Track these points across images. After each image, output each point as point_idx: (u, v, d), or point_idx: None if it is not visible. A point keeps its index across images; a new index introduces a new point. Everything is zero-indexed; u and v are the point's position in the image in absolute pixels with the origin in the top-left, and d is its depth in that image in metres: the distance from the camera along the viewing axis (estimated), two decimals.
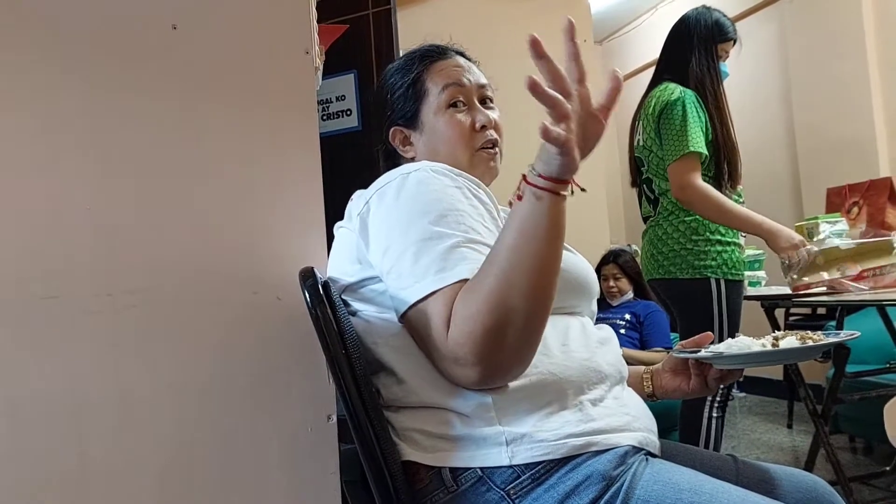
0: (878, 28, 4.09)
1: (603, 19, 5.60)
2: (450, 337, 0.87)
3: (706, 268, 2.26)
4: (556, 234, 0.85)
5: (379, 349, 1.01)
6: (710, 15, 2.36)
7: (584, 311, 1.14)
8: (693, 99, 2.27)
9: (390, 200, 1.01)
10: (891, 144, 4.06)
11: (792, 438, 3.89)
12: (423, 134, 1.19)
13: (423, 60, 1.22)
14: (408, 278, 0.93)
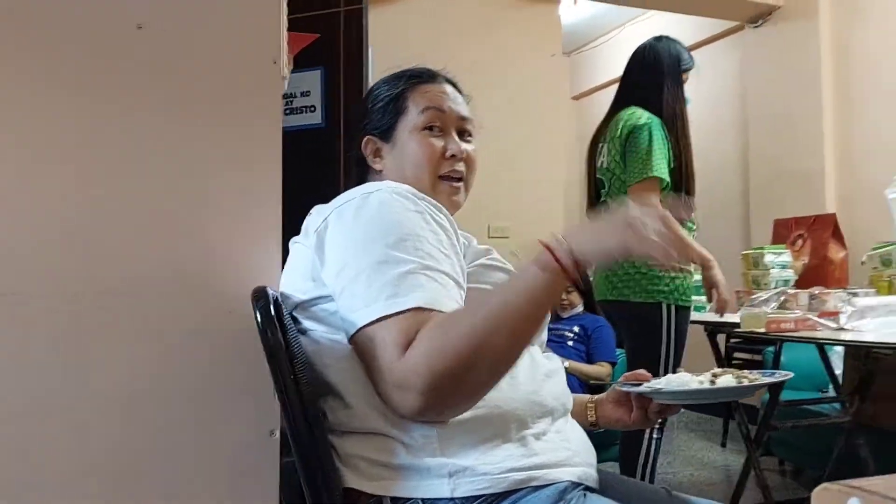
0: (834, 67, 4.22)
1: (573, 32, 5.65)
2: (407, 362, 0.86)
3: (659, 292, 2.32)
4: (548, 306, 0.91)
5: (328, 371, 1.00)
6: (674, 45, 2.45)
7: (533, 340, 1.15)
8: (659, 125, 2.34)
9: (349, 220, 1.00)
10: (838, 180, 4.20)
11: (725, 457, 3.99)
12: (395, 149, 1.19)
13: (411, 79, 1.22)
14: (359, 300, 0.92)
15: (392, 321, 0.89)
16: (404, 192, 1.03)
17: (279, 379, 0.89)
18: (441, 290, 0.93)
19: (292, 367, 0.90)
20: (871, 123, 4.01)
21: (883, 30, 3.94)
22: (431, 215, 1.02)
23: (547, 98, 4.67)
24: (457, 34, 4.39)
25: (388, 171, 1.19)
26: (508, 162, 4.38)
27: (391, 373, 0.88)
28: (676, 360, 2.34)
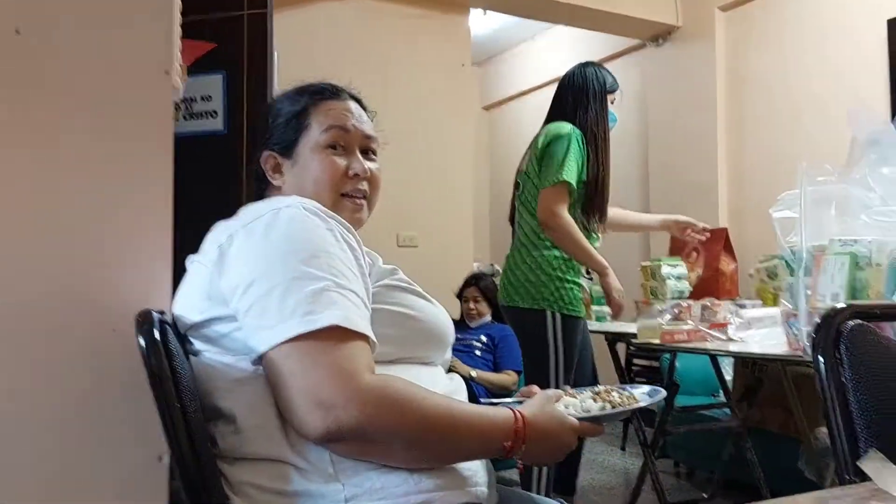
0: (728, 87, 4.44)
1: (483, 43, 5.72)
2: (357, 386, 0.86)
3: (543, 300, 2.44)
4: (482, 455, 0.99)
5: (219, 395, 0.97)
6: (601, 72, 2.67)
7: (436, 360, 1.15)
8: (580, 138, 2.50)
9: (259, 236, 0.97)
10: (730, 194, 4.42)
11: (624, 461, 4.12)
12: (295, 166, 1.16)
13: (314, 95, 1.19)
14: (272, 318, 0.90)
15: (310, 338, 0.88)
16: (314, 209, 1.01)
17: (163, 406, 0.86)
18: (354, 310, 0.93)
19: (178, 393, 0.87)
20: (760, 143, 4.25)
21: (772, 55, 4.18)
22: (341, 234, 1.01)
23: (456, 107, 4.70)
24: (365, 42, 4.37)
25: (287, 188, 1.17)
26: (417, 171, 4.38)
27: (320, 390, 0.86)
28: (567, 368, 2.43)
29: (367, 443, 0.88)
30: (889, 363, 0.76)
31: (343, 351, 0.89)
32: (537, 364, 2.47)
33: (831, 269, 1.73)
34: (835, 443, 0.71)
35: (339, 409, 0.85)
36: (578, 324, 2.51)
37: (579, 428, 1.01)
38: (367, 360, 0.91)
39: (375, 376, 0.90)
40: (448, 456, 0.93)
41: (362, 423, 0.86)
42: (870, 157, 1.66)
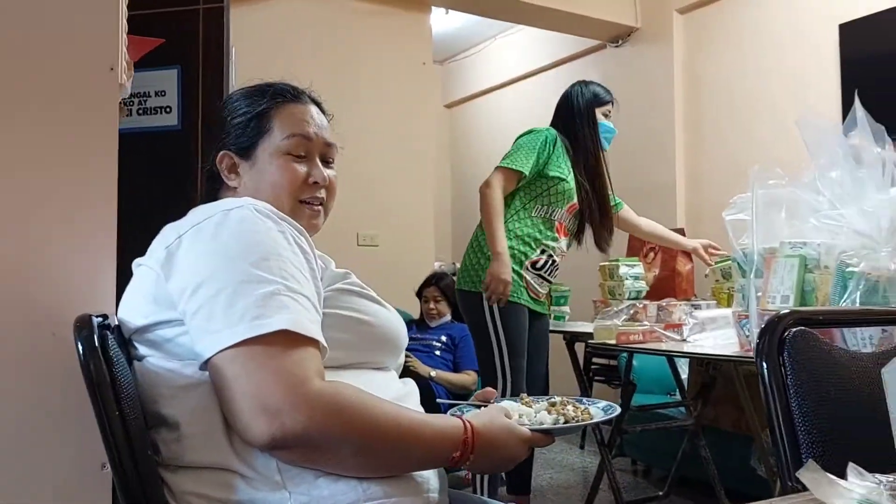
0: (685, 89, 4.50)
1: (444, 41, 5.71)
2: (305, 391, 0.84)
3: (481, 282, 2.49)
4: (430, 465, 0.96)
5: (163, 402, 0.95)
6: (588, 89, 2.75)
7: (390, 365, 1.14)
8: (552, 136, 2.59)
9: (207, 237, 0.95)
10: (688, 195, 4.48)
11: (583, 459, 4.16)
12: (254, 169, 1.14)
13: (275, 97, 1.16)
14: (219, 322, 0.88)
15: (258, 343, 0.86)
16: (266, 211, 0.99)
17: (102, 414, 0.83)
18: (305, 314, 0.91)
19: (118, 401, 0.84)
20: (716, 144, 4.31)
21: (728, 57, 4.25)
22: (293, 237, 0.99)
23: (418, 106, 4.69)
24: (324, 38, 4.33)
25: (243, 189, 1.14)
26: (378, 169, 4.36)
27: (266, 395, 0.84)
28: (512, 353, 2.48)
29: (313, 450, 0.86)
30: (830, 369, 0.77)
31: (292, 356, 0.87)
32: (482, 348, 2.55)
33: (781, 271, 1.76)
34: (777, 449, 0.72)
35: (285, 415, 0.84)
36: (518, 310, 2.56)
37: (529, 438, 1.01)
38: (317, 365, 0.90)
39: (325, 382, 0.88)
40: (396, 465, 0.92)
41: (309, 430, 0.84)
42: (819, 162, 1.69)
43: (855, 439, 0.73)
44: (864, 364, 0.81)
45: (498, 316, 2.49)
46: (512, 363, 2.47)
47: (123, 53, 1.16)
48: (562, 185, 2.61)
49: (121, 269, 1.12)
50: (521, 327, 2.55)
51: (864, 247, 1.59)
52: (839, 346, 1.28)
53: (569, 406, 1.08)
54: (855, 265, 1.58)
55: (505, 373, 2.47)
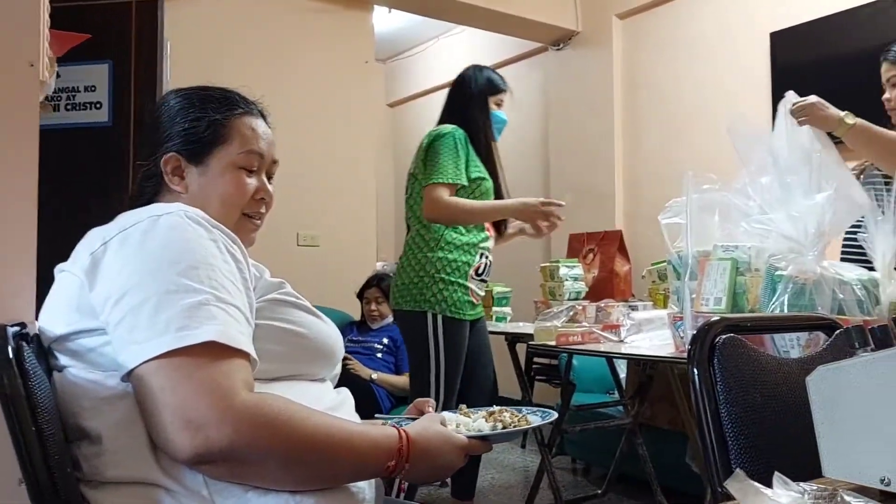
0: (624, 93, 4.58)
1: (387, 40, 5.68)
2: (230, 404, 0.82)
3: (425, 302, 2.43)
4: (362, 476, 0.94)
5: (85, 414, 0.90)
6: (482, 74, 2.66)
7: (325, 376, 1.12)
8: (462, 137, 2.50)
9: (134, 244, 0.92)
10: (625, 198, 4.56)
11: (524, 458, 4.19)
12: (204, 176, 1.11)
13: (232, 107, 1.14)
14: (143, 332, 0.85)
15: (183, 354, 0.83)
16: (197, 218, 0.96)
17: (16, 430, 0.79)
18: (235, 325, 0.88)
19: (34, 416, 0.80)
20: (653, 149, 4.40)
21: (664, 63, 4.34)
22: (225, 245, 0.96)
23: (360, 104, 4.65)
24: (264, 35, 4.25)
25: (188, 196, 1.10)
26: (319, 168, 4.31)
27: (190, 408, 0.81)
28: (449, 373, 2.42)
29: (240, 465, 0.83)
30: (757, 376, 0.78)
31: (219, 368, 0.84)
32: (418, 367, 2.46)
33: (714, 273, 1.80)
34: (707, 454, 0.73)
35: (210, 428, 0.81)
36: (463, 326, 2.49)
37: (466, 445, 1.00)
38: (245, 376, 0.87)
39: (252, 394, 0.86)
40: (328, 477, 0.90)
41: (234, 444, 0.81)
42: (749, 168, 1.73)
43: (782, 445, 0.75)
44: (790, 370, 0.83)
45: (442, 335, 2.42)
46: (447, 382, 2.41)
47: (45, 49, 1.11)
48: (484, 185, 2.55)
49: (42, 275, 1.07)
50: (462, 345, 2.49)
51: (792, 251, 1.64)
52: (768, 348, 1.32)
53: (506, 413, 1.08)
54: (783, 268, 1.63)
55: (438, 392, 2.39)
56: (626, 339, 2.30)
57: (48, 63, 1.12)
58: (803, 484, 0.54)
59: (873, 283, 1.61)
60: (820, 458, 0.60)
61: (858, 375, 0.57)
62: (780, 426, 0.76)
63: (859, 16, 3.36)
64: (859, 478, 0.56)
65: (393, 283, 2.59)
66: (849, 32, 3.38)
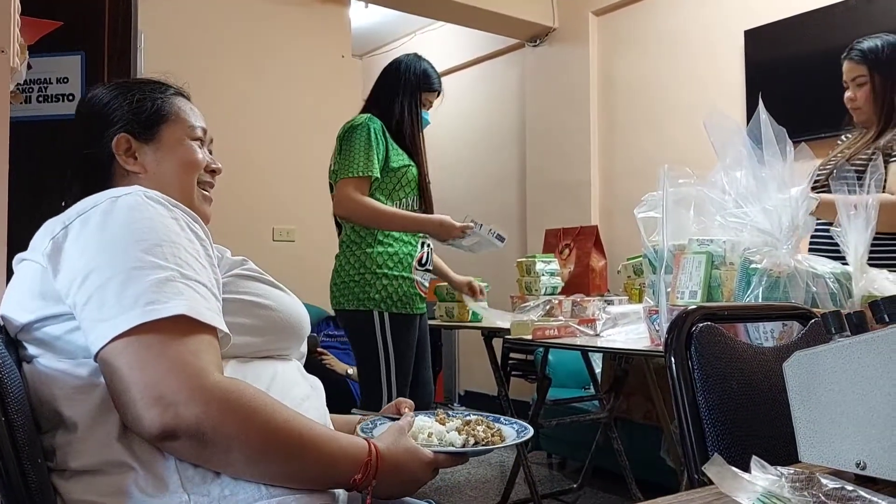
0: (600, 90, 4.60)
1: (364, 35, 5.66)
2: (201, 382, 0.81)
3: (370, 300, 2.34)
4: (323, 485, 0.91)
5: (58, 403, 0.89)
6: (420, 64, 2.52)
7: (293, 353, 1.11)
8: (378, 127, 2.39)
9: (95, 226, 0.91)
10: (601, 193, 4.59)
11: (500, 454, 4.19)
12: (159, 151, 1.12)
13: (165, 89, 1.18)
14: (111, 309, 0.84)
15: (152, 330, 0.82)
16: (157, 197, 0.96)
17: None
18: (202, 301, 0.88)
19: (3, 406, 0.78)
20: (628, 144, 4.43)
21: (640, 60, 4.37)
22: (187, 223, 0.96)
23: (336, 99, 4.62)
24: (239, 27, 4.21)
25: (148, 175, 1.10)
26: (294, 163, 4.28)
27: (161, 385, 0.81)
28: (399, 370, 2.34)
29: (203, 446, 0.82)
30: (734, 364, 0.79)
31: (189, 344, 0.84)
32: (368, 367, 2.36)
33: (689, 267, 1.82)
34: (684, 441, 0.74)
35: (181, 405, 0.81)
36: (411, 321, 2.42)
37: (433, 461, 0.99)
38: (216, 357, 0.87)
39: (226, 378, 0.85)
40: (291, 477, 0.88)
41: (202, 424, 0.81)
42: (724, 162, 1.75)
43: (758, 432, 0.75)
44: (765, 358, 0.83)
45: (389, 332, 2.34)
46: (398, 380, 2.33)
47: (16, 35, 1.08)
48: (410, 172, 2.45)
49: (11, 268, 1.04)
50: (411, 341, 2.41)
51: (766, 244, 1.66)
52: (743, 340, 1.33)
53: (478, 428, 1.06)
54: (758, 262, 1.65)
55: (391, 390, 2.31)
56: (601, 333, 2.32)
57: (19, 50, 1.10)
58: (780, 468, 0.54)
59: (846, 276, 1.63)
60: (797, 443, 0.61)
61: (834, 360, 0.57)
62: (756, 414, 0.77)
63: (832, 14, 3.41)
64: (835, 462, 0.57)
65: (331, 283, 2.47)
66: (821, 31, 3.43)
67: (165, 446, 0.84)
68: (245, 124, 4.05)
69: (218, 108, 3.83)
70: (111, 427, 0.86)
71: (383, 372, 2.33)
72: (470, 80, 5.64)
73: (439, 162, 3.10)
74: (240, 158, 3.77)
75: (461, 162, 5.54)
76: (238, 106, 4.04)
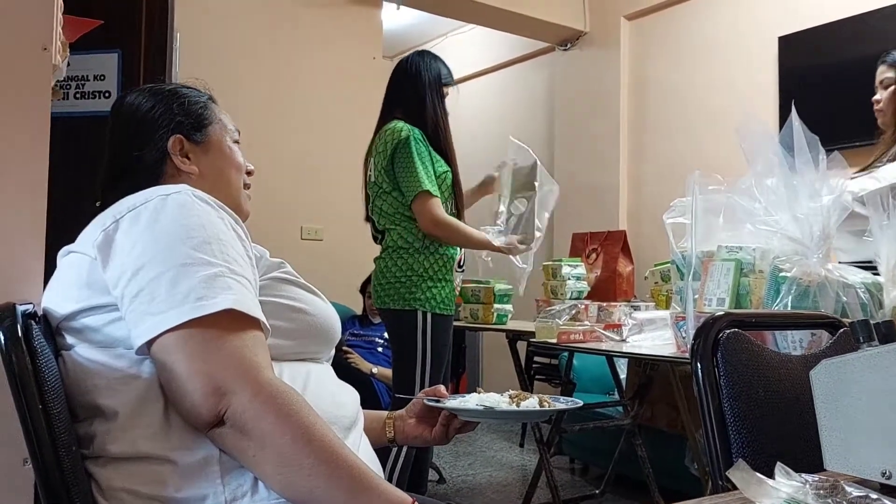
0: (630, 94, 4.58)
1: (395, 36, 5.68)
2: (259, 378, 0.85)
3: (415, 300, 2.42)
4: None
5: (98, 392, 0.91)
6: (435, 61, 2.59)
7: (324, 357, 1.13)
8: (419, 136, 2.44)
9: (147, 221, 0.93)
10: (629, 198, 4.56)
11: (522, 457, 4.20)
12: (209, 154, 1.16)
13: (201, 93, 1.22)
14: (162, 303, 0.86)
15: (205, 324, 0.85)
16: (204, 197, 0.99)
17: (23, 409, 0.79)
18: (249, 295, 0.91)
19: (41, 395, 0.81)
20: (658, 149, 4.40)
21: (672, 65, 4.34)
22: (230, 224, 0.99)
23: (367, 100, 4.61)
24: (273, 29, 4.26)
25: (202, 176, 1.14)
26: (324, 163, 4.31)
27: (220, 376, 0.84)
28: (434, 366, 2.41)
29: (242, 436, 0.84)
30: (760, 371, 0.79)
31: (242, 339, 0.87)
32: (406, 360, 2.44)
33: (718, 274, 1.81)
34: (709, 447, 0.74)
35: (234, 395, 0.84)
36: (449, 322, 2.51)
37: None
38: (267, 355, 0.90)
39: (279, 379, 0.88)
40: (310, 493, 0.84)
41: (246, 412, 0.83)
42: (756, 169, 1.73)
43: (783, 440, 0.75)
44: (793, 367, 0.83)
45: (430, 331, 2.41)
46: (432, 378, 2.40)
47: (58, 33, 1.11)
48: (448, 177, 2.49)
49: (50, 259, 1.07)
50: (448, 341, 2.50)
51: (797, 252, 1.64)
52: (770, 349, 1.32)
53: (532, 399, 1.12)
54: (787, 270, 1.63)
55: (423, 388, 2.29)
56: (627, 339, 2.30)
57: (60, 48, 1.13)
58: (805, 475, 0.54)
59: (877, 286, 1.61)
60: (822, 451, 0.61)
61: (862, 369, 0.57)
62: (782, 421, 0.76)
63: (866, 22, 3.36)
64: (860, 471, 0.57)
65: (375, 283, 2.54)
66: (855, 38, 3.38)
67: (213, 433, 0.86)
68: (276, 124, 4.09)
69: (250, 108, 3.89)
70: (152, 417, 0.88)
71: (418, 370, 2.40)
72: (500, 84, 5.64)
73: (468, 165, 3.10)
74: (270, 158, 3.81)
75: (490, 165, 5.54)
76: (270, 106, 4.08)
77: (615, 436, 3.21)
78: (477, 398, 1.19)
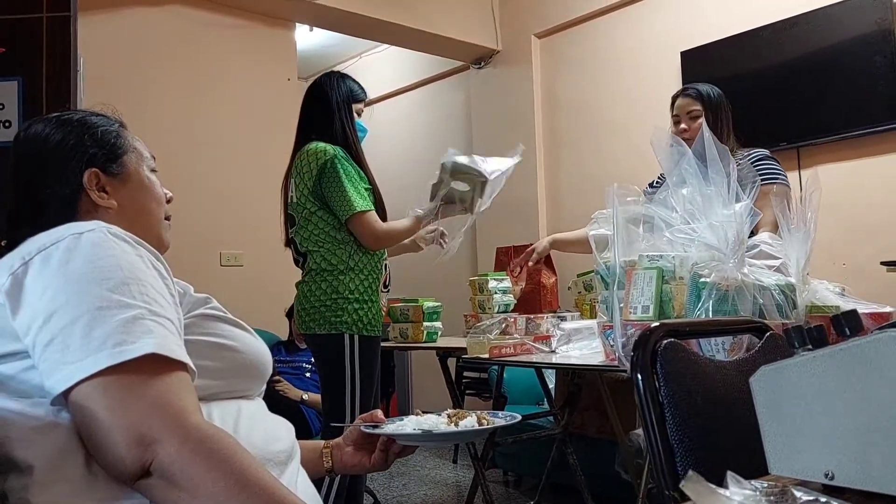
0: (544, 109, 4.69)
1: (309, 58, 5.63)
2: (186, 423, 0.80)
3: (342, 324, 2.37)
4: None
5: (12, 445, 0.85)
6: (344, 82, 2.59)
7: (255, 392, 1.10)
8: (343, 155, 2.44)
9: (58, 263, 0.88)
10: (549, 211, 4.65)
11: (456, 474, 4.19)
12: (126, 186, 1.11)
13: (111, 120, 1.16)
14: (77, 352, 0.81)
15: (125, 371, 0.80)
16: (121, 234, 0.94)
17: None
18: (171, 337, 0.86)
19: None
20: (573, 163, 4.52)
21: (581, 81, 4.48)
22: (151, 262, 0.94)
23: (282, 121, 4.55)
24: (182, 50, 4.15)
25: (119, 209, 1.08)
26: (241, 186, 4.22)
27: (145, 426, 0.79)
28: (364, 390, 2.37)
29: (171, 487, 0.80)
30: (698, 380, 0.81)
31: (166, 384, 0.82)
32: (334, 389, 2.38)
33: (641, 282, 1.86)
34: (654, 459, 0.75)
35: (160, 444, 0.79)
36: (377, 343, 2.48)
37: None
38: (193, 398, 0.85)
39: (206, 422, 0.84)
40: None
41: (173, 463, 0.78)
42: (671, 179, 1.80)
43: (724, 446, 0.78)
44: (727, 373, 0.86)
45: (358, 354, 2.37)
46: (362, 402, 2.35)
47: None
48: (371, 194, 2.50)
49: None
50: (376, 362, 2.46)
51: (714, 258, 1.71)
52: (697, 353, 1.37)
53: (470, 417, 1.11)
54: (707, 276, 1.70)
55: (354, 413, 2.31)
56: (556, 350, 2.34)
57: None
58: (754, 482, 0.56)
59: (790, 287, 1.69)
60: (766, 455, 0.63)
61: (799, 374, 0.59)
62: (721, 428, 0.79)
63: (762, 36, 3.55)
64: (804, 473, 0.59)
65: (297, 307, 2.49)
66: (753, 51, 3.57)
67: (139, 485, 0.81)
68: (190, 148, 3.98)
69: (162, 132, 3.77)
70: (73, 470, 0.83)
71: (348, 395, 2.34)
72: (416, 102, 5.67)
73: (386, 184, 3.09)
74: (185, 183, 3.70)
75: (409, 185, 5.54)
76: (182, 129, 3.97)
77: (547, 445, 3.25)
78: (415, 420, 1.19)
